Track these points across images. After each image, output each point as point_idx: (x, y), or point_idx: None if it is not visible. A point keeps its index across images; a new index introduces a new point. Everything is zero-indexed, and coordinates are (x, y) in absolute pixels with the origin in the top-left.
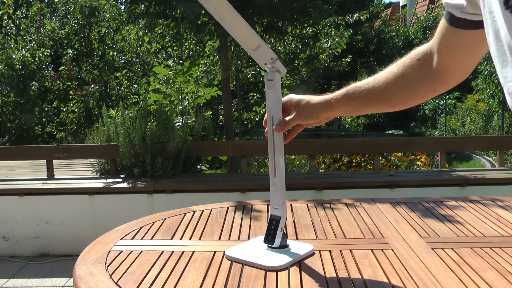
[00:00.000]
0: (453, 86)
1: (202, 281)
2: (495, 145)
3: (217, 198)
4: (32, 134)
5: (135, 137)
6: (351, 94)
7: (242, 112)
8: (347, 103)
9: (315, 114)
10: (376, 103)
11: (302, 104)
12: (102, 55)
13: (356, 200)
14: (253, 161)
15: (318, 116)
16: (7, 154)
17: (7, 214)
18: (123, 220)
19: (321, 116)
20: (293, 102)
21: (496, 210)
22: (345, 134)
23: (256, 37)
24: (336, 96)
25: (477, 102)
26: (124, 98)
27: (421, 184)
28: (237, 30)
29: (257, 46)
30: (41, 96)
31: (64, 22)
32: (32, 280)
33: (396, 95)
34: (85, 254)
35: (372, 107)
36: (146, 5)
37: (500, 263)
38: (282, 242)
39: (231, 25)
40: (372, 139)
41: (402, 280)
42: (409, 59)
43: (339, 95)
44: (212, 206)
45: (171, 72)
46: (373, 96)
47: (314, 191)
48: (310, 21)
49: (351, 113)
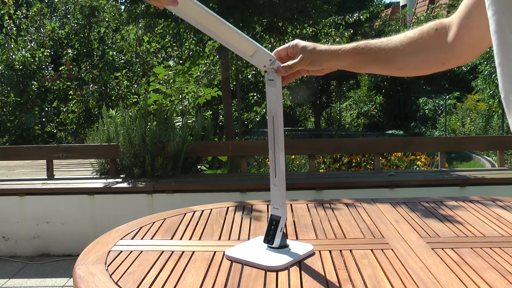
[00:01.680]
0: (461, 64)
1: (202, 281)
2: (495, 145)
3: (217, 198)
4: (32, 134)
5: (135, 137)
6: (361, 49)
7: (242, 112)
8: (354, 57)
9: (319, 61)
10: (383, 62)
11: (308, 49)
12: (102, 55)
13: (356, 200)
14: (253, 161)
15: (322, 64)
16: (7, 154)
17: (7, 214)
18: (123, 220)
19: (325, 64)
20: (300, 47)
21: (496, 210)
22: (345, 134)
23: (251, 43)
24: (345, 48)
25: (477, 102)
26: (124, 98)
27: (421, 184)
28: (231, 42)
29: (254, 52)
30: (41, 96)
31: (64, 22)
32: (32, 280)
33: (404, 59)
34: (85, 254)
35: (377, 66)
36: (146, 5)
37: (500, 263)
38: (282, 242)
39: (224, 38)
40: (372, 139)
41: (402, 280)
42: (427, 27)
43: (348, 47)
44: (212, 206)
45: (171, 72)
46: (382, 54)
47: (314, 191)
48: (310, 21)
49: (354, 68)
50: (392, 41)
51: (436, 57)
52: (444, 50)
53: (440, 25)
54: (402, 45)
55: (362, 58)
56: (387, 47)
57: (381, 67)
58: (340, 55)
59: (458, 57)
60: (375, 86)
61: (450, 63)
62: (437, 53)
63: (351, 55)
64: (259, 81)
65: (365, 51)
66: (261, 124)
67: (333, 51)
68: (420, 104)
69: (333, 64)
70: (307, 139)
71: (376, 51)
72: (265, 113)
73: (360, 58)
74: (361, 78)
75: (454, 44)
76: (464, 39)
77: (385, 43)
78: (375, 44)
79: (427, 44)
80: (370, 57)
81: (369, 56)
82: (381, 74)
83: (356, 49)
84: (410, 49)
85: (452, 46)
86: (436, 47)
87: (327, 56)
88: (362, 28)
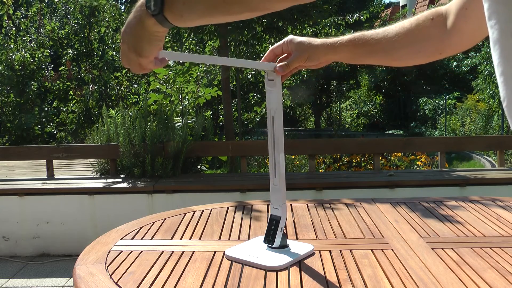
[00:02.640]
0: (458, 52)
1: (202, 281)
2: (495, 145)
3: (217, 198)
4: (32, 134)
5: (135, 137)
6: (358, 41)
7: (242, 112)
8: (351, 50)
9: (316, 55)
10: (380, 54)
11: (304, 45)
12: (102, 55)
13: (356, 200)
14: (253, 161)
15: (319, 58)
16: (7, 154)
17: (7, 214)
18: (123, 220)
19: (322, 58)
20: (295, 43)
21: (496, 210)
22: (345, 134)
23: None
24: (342, 41)
25: (477, 102)
26: (124, 98)
27: (421, 184)
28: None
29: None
30: (41, 96)
31: (64, 22)
32: (32, 280)
33: (402, 50)
34: (85, 254)
35: (375, 58)
36: None
37: (500, 263)
38: (282, 242)
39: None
40: (372, 139)
41: (402, 280)
42: (423, 17)
43: (344, 40)
44: (212, 206)
45: (171, 72)
46: (379, 46)
47: (314, 191)
48: (310, 21)
49: (351, 60)
50: (389, 32)
51: (434, 47)
52: (441, 39)
53: (436, 14)
54: (398, 36)
55: (359, 50)
56: (384, 39)
57: (378, 58)
58: (336, 48)
59: (455, 46)
60: (375, 86)
61: (447, 52)
62: (434, 43)
63: (348, 47)
64: (259, 81)
65: (362, 43)
66: (261, 124)
67: (329, 45)
68: (420, 104)
69: (330, 57)
70: (307, 139)
71: (373, 43)
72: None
73: (357, 51)
74: (361, 78)
75: (451, 34)
76: (462, 29)
77: (382, 35)
78: (372, 36)
79: (424, 34)
80: (367, 49)
81: (366, 48)
82: (378, 65)
83: (353, 41)
84: (407, 40)
85: (450, 35)
86: (433, 37)
87: (324, 50)
88: (362, 28)
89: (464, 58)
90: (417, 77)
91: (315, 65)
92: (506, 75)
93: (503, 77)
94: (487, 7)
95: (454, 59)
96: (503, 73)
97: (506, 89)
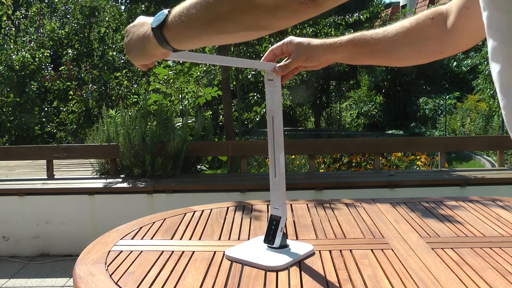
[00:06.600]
0: (459, 51)
1: (202, 281)
2: (495, 145)
3: (217, 198)
4: (32, 134)
5: (135, 137)
6: (357, 41)
7: (242, 112)
8: (351, 50)
9: (316, 56)
10: (380, 54)
11: (304, 46)
12: (102, 55)
13: (356, 200)
14: (253, 161)
15: (319, 58)
16: (7, 154)
17: (7, 214)
18: (123, 220)
19: (322, 59)
20: (294, 43)
21: (496, 210)
22: (345, 134)
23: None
24: (341, 41)
25: (477, 102)
26: (124, 98)
27: (421, 184)
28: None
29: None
30: (41, 96)
31: (64, 22)
32: (32, 280)
33: (402, 50)
34: (85, 254)
35: (375, 58)
36: (146, 5)
37: (500, 263)
38: (282, 242)
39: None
40: (372, 139)
41: (402, 280)
42: (423, 16)
43: (344, 40)
44: (212, 206)
45: (171, 72)
46: (379, 46)
47: (314, 191)
48: (310, 21)
49: (351, 60)
50: (388, 32)
51: (434, 46)
52: (441, 39)
53: (437, 14)
54: (398, 36)
55: (359, 50)
56: (383, 38)
57: (378, 58)
58: (336, 48)
59: (456, 45)
60: (375, 86)
61: (448, 52)
62: (435, 43)
63: (348, 47)
64: (259, 81)
65: (361, 43)
66: (261, 124)
67: (328, 45)
68: (420, 104)
69: (329, 57)
70: (307, 139)
71: (372, 43)
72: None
73: (357, 50)
74: (361, 78)
75: (452, 33)
76: (463, 28)
77: (381, 35)
78: (371, 36)
79: (424, 34)
80: (367, 49)
81: (366, 48)
82: (378, 65)
83: (353, 41)
84: (408, 40)
85: (451, 35)
86: (434, 36)
87: (323, 50)
88: (362, 28)
89: (464, 58)
90: (417, 77)
91: (315, 66)
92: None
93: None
94: (486, 15)
95: (454, 59)
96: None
97: (507, 99)
